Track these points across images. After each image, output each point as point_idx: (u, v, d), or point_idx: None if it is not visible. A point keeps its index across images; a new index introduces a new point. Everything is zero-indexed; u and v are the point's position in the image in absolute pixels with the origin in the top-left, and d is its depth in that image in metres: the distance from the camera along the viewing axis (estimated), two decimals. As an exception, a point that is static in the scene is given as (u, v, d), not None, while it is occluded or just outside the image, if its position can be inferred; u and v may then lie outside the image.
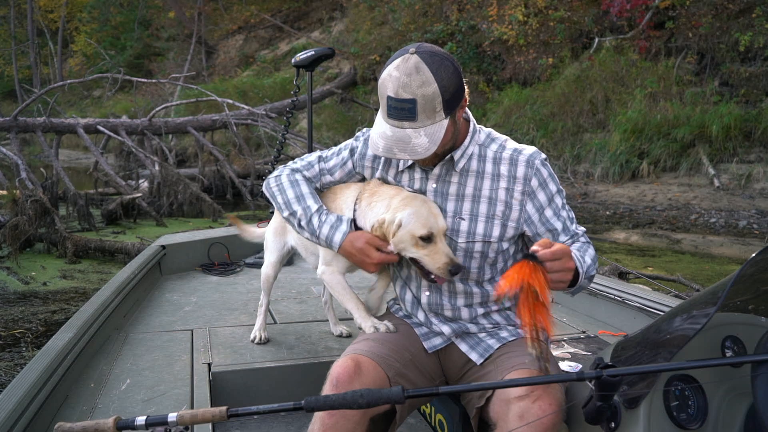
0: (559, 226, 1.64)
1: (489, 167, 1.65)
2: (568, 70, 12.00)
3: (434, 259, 1.61)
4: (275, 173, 1.88)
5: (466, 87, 1.56)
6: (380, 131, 1.53)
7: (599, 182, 10.29)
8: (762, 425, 1.06)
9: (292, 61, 3.92)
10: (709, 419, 1.21)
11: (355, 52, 16.38)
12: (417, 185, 1.71)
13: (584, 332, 2.51)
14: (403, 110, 1.46)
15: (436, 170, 1.67)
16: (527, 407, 1.33)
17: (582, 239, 1.65)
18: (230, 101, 11.07)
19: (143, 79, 12.84)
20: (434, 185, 1.68)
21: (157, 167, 9.74)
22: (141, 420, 1.10)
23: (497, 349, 1.65)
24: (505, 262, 1.70)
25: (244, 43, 23.10)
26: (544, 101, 11.80)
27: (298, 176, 1.85)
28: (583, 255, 1.58)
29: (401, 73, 1.46)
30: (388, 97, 1.48)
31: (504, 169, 1.63)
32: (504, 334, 1.68)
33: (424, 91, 1.45)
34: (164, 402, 1.92)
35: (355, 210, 1.78)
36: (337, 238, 1.72)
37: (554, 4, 12.78)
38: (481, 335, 1.69)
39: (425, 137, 1.48)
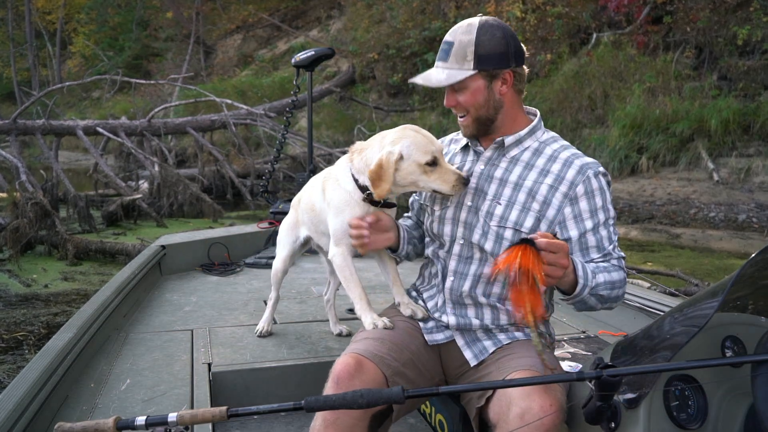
0: (593, 240, 1.60)
1: (541, 162, 1.66)
2: (567, 66, 11.99)
3: (445, 179, 1.66)
4: None
5: (521, 71, 1.65)
6: None
7: (599, 178, 10.28)
8: (762, 425, 1.06)
9: (292, 61, 3.92)
10: (709, 419, 1.21)
11: (354, 51, 16.36)
12: (467, 166, 1.76)
13: (584, 332, 2.50)
14: (443, 51, 1.64)
15: (488, 153, 1.71)
16: (528, 407, 1.33)
17: (614, 262, 1.60)
18: (229, 101, 11.08)
19: (142, 80, 12.85)
20: (482, 167, 1.71)
21: (156, 168, 9.74)
22: (141, 420, 1.11)
23: (494, 351, 1.65)
24: None
25: (243, 43, 23.09)
26: (542, 97, 11.78)
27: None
28: (598, 273, 1.55)
29: (460, 24, 1.65)
30: (442, 42, 1.67)
31: (555, 167, 1.64)
32: (501, 336, 1.68)
33: (462, 37, 1.61)
34: (164, 402, 1.92)
35: (353, 175, 1.81)
36: None
37: (552, 0, 12.76)
38: (479, 333, 1.69)
39: (444, 75, 1.63)
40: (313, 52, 3.89)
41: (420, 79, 1.67)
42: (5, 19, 28.00)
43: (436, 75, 1.64)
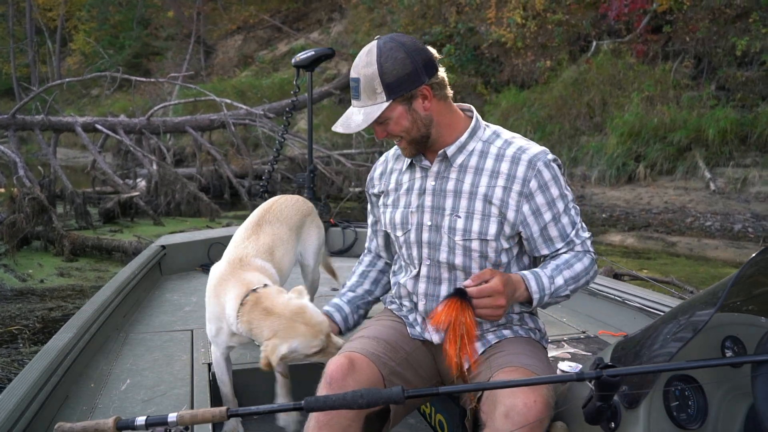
0: (555, 231, 1.62)
1: (489, 164, 1.63)
2: (566, 73, 12.04)
3: (330, 353, 1.73)
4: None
5: (438, 79, 1.60)
6: None
7: (596, 185, 10.32)
8: (762, 426, 1.07)
9: (292, 61, 3.92)
10: (709, 419, 1.22)
11: (354, 54, 16.33)
12: (417, 184, 1.71)
13: (584, 332, 2.51)
14: (354, 89, 1.59)
15: (435, 167, 1.67)
16: (512, 405, 1.34)
17: (578, 248, 1.63)
18: (228, 101, 11.08)
19: (141, 78, 12.83)
20: (432, 183, 1.67)
21: (154, 166, 9.73)
22: (141, 420, 1.10)
23: (485, 351, 1.65)
24: (509, 261, 1.67)
25: (243, 44, 23.10)
26: (541, 104, 11.83)
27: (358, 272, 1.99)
28: (557, 275, 1.58)
29: (359, 56, 1.59)
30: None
31: (504, 166, 1.61)
32: (490, 337, 1.68)
33: (365, 71, 1.55)
34: (164, 402, 1.92)
35: (239, 313, 1.83)
36: None
37: (552, 8, 12.82)
38: None
39: (362, 115, 1.57)
40: (313, 52, 3.90)
41: (341, 128, 1.61)
42: (6, 15, 27.93)
43: (355, 118, 1.58)
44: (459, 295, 1.45)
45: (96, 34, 27.85)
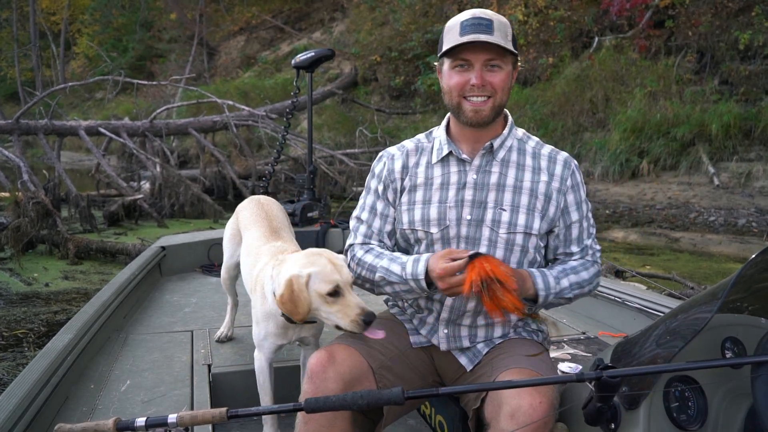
0: (575, 233, 1.67)
1: (529, 160, 1.66)
2: (568, 69, 12.00)
3: (346, 312, 1.57)
4: (352, 258, 1.76)
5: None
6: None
7: (599, 181, 10.28)
8: (762, 426, 1.06)
9: (292, 62, 3.94)
10: (709, 420, 1.21)
11: (356, 53, 16.40)
12: (454, 178, 1.65)
13: (584, 333, 2.50)
14: (480, 25, 1.53)
15: (476, 161, 1.64)
16: (518, 406, 1.34)
17: (589, 258, 1.67)
18: (230, 102, 11.09)
19: (144, 81, 12.86)
20: (474, 176, 1.63)
21: (158, 169, 9.74)
22: (141, 421, 1.10)
23: (488, 352, 1.65)
24: (541, 260, 1.68)
25: (246, 45, 23.14)
26: (544, 101, 11.79)
27: (374, 249, 1.74)
28: (563, 277, 1.60)
29: (476, 10, 1.58)
30: (463, 22, 1.55)
31: (543, 164, 1.65)
32: (493, 337, 1.68)
33: (497, 17, 1.56)
34: (164, 403, 1.92)
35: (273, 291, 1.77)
36: (421, 268, 1.58)
37: (554, 4, 12.78)
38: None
39: (501, 40, 1.53)
40: (312, 53, 3.92)
41: (482, 35, 1.50)
42: (10, 20, 28.08)
43: (491, 38, 1.51)
44: (475, 255, 1.45)
45: (99, 38, 27.98)
